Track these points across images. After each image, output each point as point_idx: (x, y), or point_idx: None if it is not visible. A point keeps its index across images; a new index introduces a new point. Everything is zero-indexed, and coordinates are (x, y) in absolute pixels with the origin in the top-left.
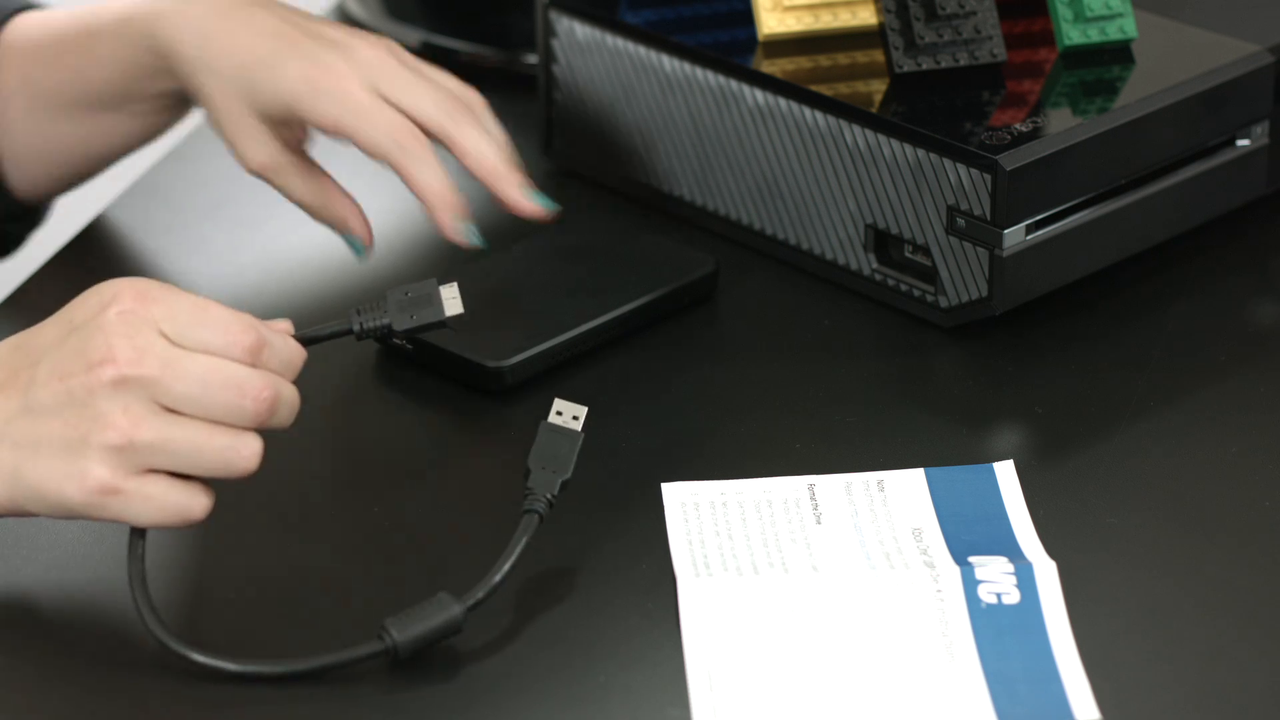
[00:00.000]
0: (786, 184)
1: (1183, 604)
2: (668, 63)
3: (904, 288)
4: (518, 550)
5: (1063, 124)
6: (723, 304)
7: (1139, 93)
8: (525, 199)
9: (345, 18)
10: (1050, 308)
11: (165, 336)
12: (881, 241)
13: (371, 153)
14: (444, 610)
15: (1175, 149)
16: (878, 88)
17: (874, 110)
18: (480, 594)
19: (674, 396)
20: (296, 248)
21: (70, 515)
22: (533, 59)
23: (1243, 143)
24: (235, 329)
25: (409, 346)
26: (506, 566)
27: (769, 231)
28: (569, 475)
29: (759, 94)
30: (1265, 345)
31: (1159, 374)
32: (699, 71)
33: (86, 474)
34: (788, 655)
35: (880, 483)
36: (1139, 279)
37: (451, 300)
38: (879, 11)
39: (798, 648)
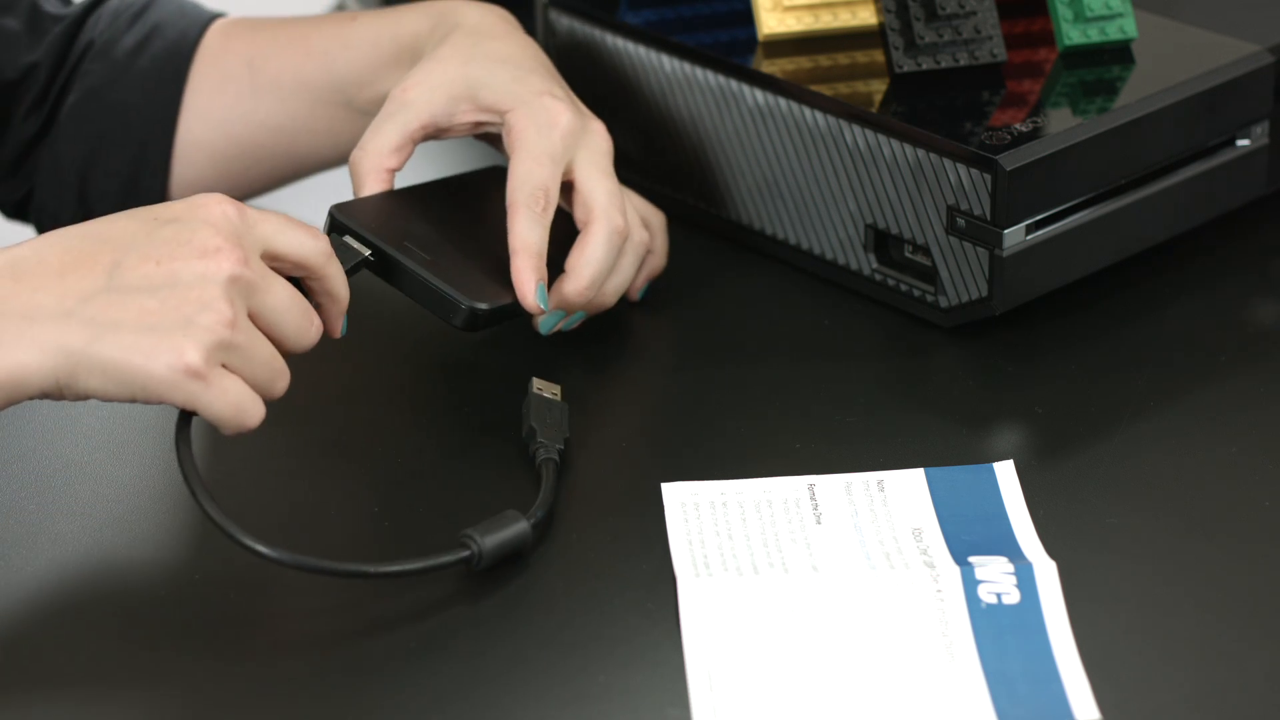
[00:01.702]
0: (786, 184)
1: (1183, 604)
2: (668, 63)
3: (904, 288)
4: (552, 481)
5: (1063, 124)
6: (723, 304)
7: (1139, 93)
8: (538, 311)
9: None
10: (1050, 308)
11: (259, 245)
12: (881, 241)
13: (510, 183)
14: (514, 524)
15: (1175, 149)
16: (878, 88)
17: (874, 110)
18: (539, 514)
19: (674, 396)
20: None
21: (134, 393)
22: None
23: (1243, 143)
24: (316, 233)
25: (370, 255)
26: (549, 492)
27: (769, 231)
28: (569, 434)
29: (759, 94)
30: (1265, 345)
31: (1159, 374)
32: (699, 71)
33: (181, 352)
34: (788, 655)
35: (880, 483)
36: (1139, 279)
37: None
38: (879, 11)
39: (798, 648)
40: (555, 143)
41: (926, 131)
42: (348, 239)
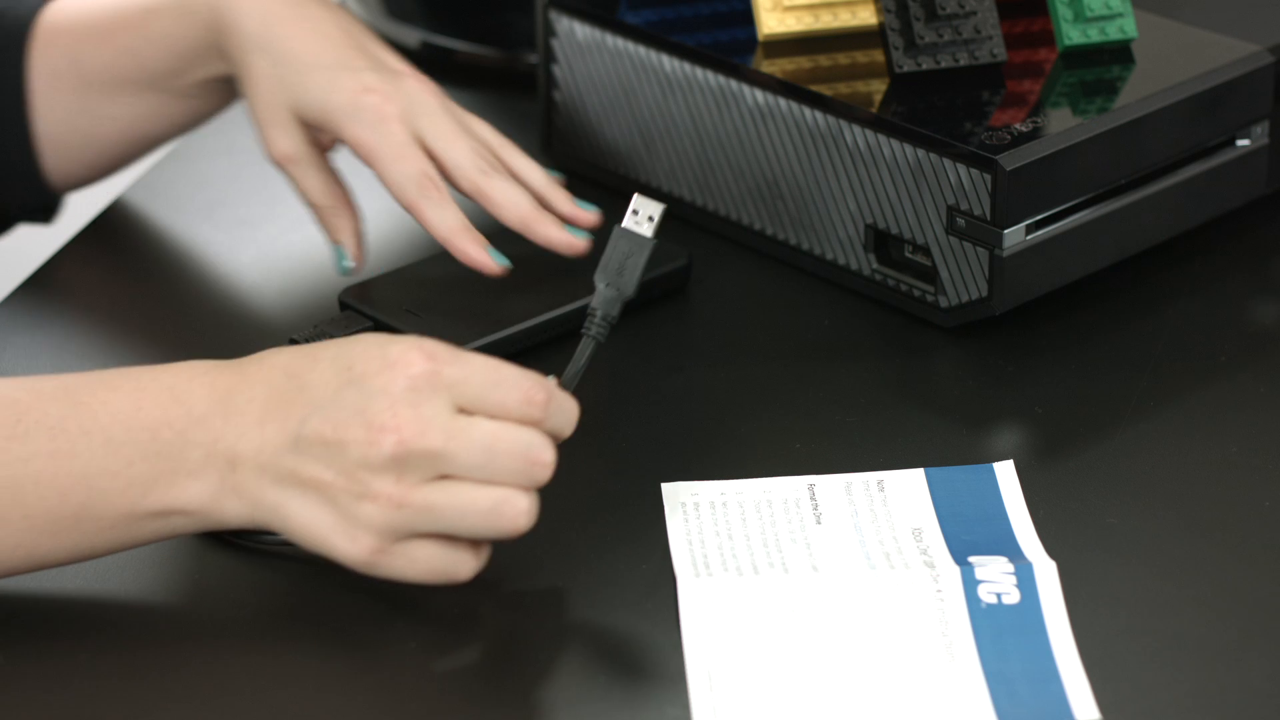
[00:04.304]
0: (786, 184)
1: (1183, 604)
2: (668, 63)
3: (904, 288)
4: (583, 362)
5: (1063, 124)
6: (722, 304)
7: (1139, 93)
8: (561, 236)
9: None
10: (1050, 308)
11: (456, 402)
12: (881, 241)
13: (391, 189)
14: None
15: (1175, 149)
16: (878, 88)
17: (874, 110)
18: (569, 387)
19: (674, 396)
20: (296, 247)
21: (329, 558)
22: (533, 59)
23: (1243, 143)
24: (529, 387)
25: (370, 325)
26: (578, 374)
27: (769, 231)
28: (632, 293)
29: (759, 94)
30: (1265, 345)
31: (1159, 374)
32: (699, 71)
33: (355, 537)
34: (788, 655)
35: (880, 483)
36: (1139, 279)
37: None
38: (879, 11)
39: (798, 648)
40: (398, 133)
41: (926, 131)
42: (350, 314)
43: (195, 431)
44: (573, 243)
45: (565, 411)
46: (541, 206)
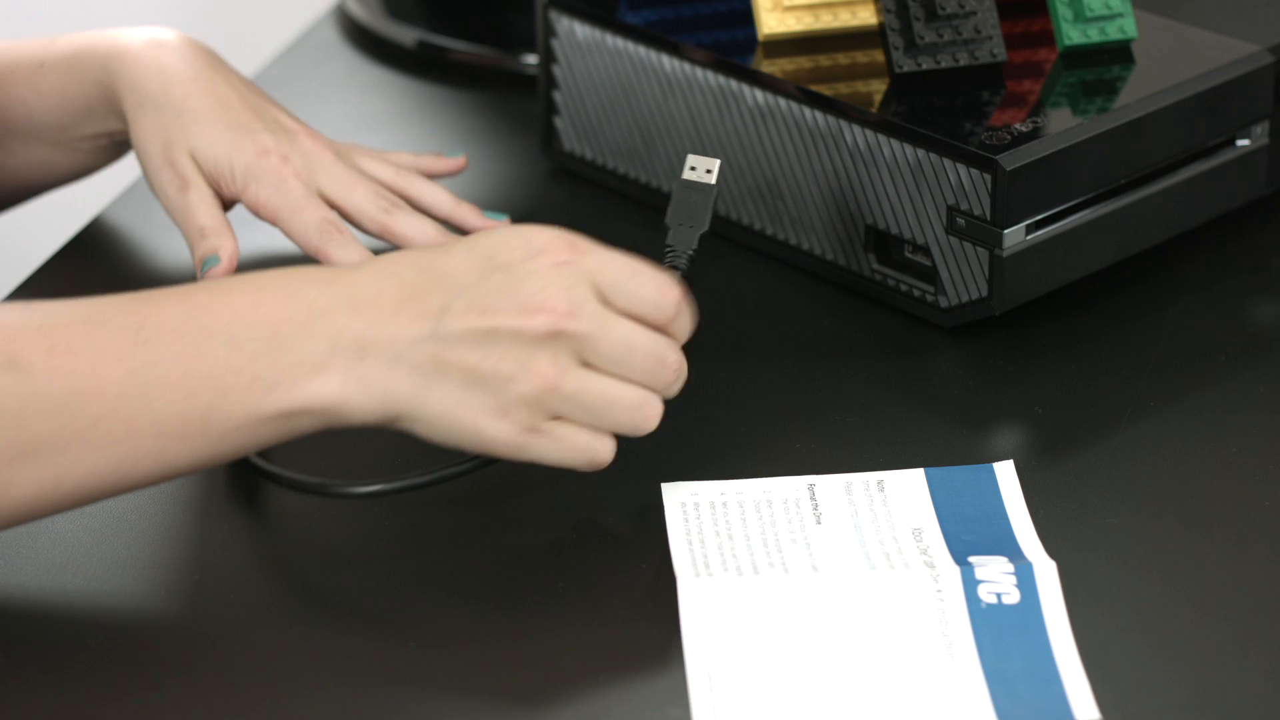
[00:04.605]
0: (786, 184)
1: (1183, 604)
2: (668, 63)
3: (904, 288)
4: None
5: (1063, 124)
6: (722, 304)
7: (1139, 93)
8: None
9: (345, 18)
10: (1050, 308)
11: (597, 292)
12: (881, 241)
13: (297, 240)
14: None
15: (1175, 149)
16: (878, 88)
17: (874, 110)
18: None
19: (674, 396)
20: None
21: (460, 445)
22: (532, 59)
23: (1243, 143)
24: (664, 281)
25: None
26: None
27: (769, 231)
28: (706, 228)
29: (759, 94)
30: (1265, 345)
31: (1159, 374)
32: (699, 71)
33: (505, 413)
34: (788, 655)
35: (880, 483)
36: (1139, 279)
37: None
38: (879, 11)
39: (798, 648)
40: (297, 188)
41: (926, 131)
42: None
43: (318, 324)
44: None
45: (687, 317)
46: (452, 228)
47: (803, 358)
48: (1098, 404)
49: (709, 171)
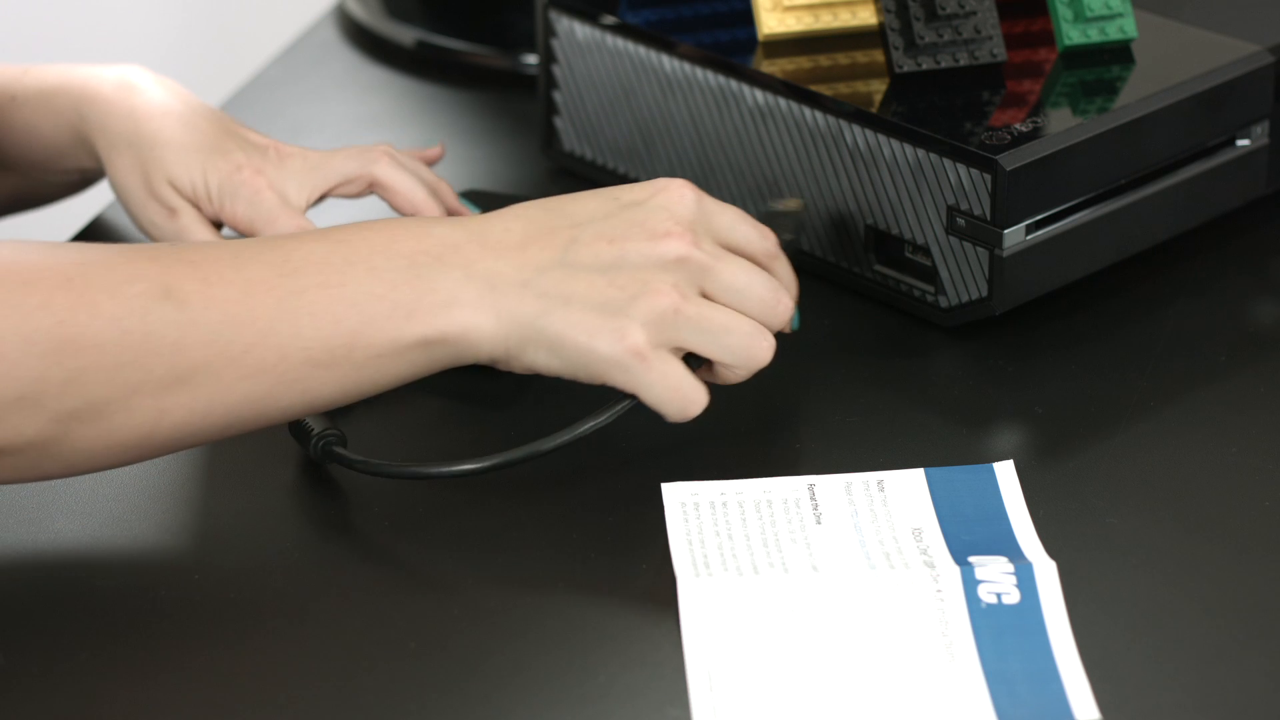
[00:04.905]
0: (786, 184)
1: (1183, 604)
2: (668, 63)
3: (904, 288)
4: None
5: (1063, 124)
6: None
7: (1139, 93)
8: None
9: (345, 18)
10: (1050, 308)
11: (713, 231)
12: (881, 241)
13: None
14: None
15: (1175, 149)
16: (878, 88)
17: (874, 110)
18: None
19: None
20: None
21: (575, 370)
22: (532, 59)
23: (1243, 143)
24: (765, 231)
25: None
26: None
27: None
28: (793, 236)
29: (759, 94)
30: (1265, 345)
31: (1159, 374)
32: (699, 71)
33: (625, 332)
34: (788, 655)
35: (880, 483)
36: (1139, 279)
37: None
38: (879, 11)
39: (798, 648)
40: (271, 200)
41: (926, 131)
42: None
43: (451, 256)
44: None
45: (788, 269)
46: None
47: (802, 358)
48: (1098, 404)
49: (790, 207)
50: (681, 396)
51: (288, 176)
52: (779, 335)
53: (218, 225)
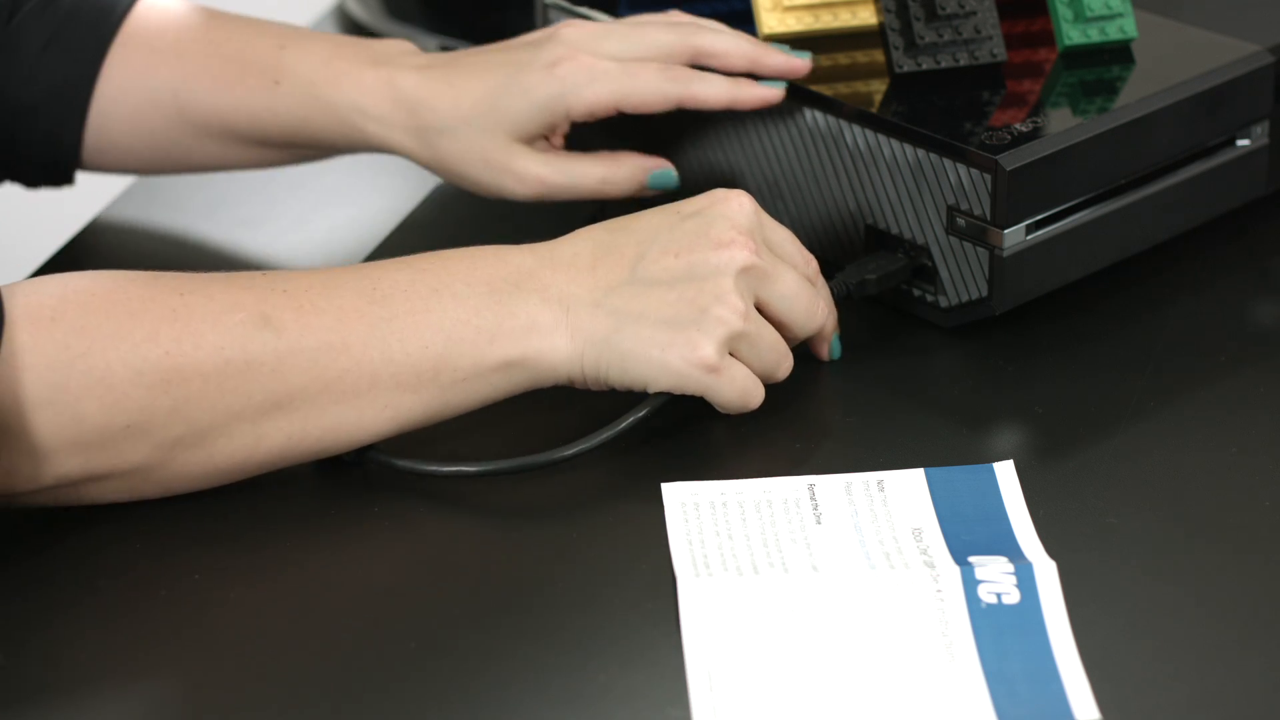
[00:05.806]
0: (786, 184)
1: (1183, 604)
2: None
3: (904, 288)
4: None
5: (1063, 124)
6: None
7: (1139, 93)
8: (791, 63)
9: (345, 18)
10: (1050, 308)
11: (766, 240)
12: (881, 241)
13: (649, 106)
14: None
15: (1175, 149)
16: (878, 88)
17: (874, 110)
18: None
19: (674, 396)
20: (296, 247)
21: (648, 383)
22: None
23: (1243, 143)
24: (809, 257)
25: None
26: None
27: None
28: (872, 276)
29: None
30: (1265, 345)
31: (1159, 374)
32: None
33: (696, 346)
34: (788, 655)
35: (880, 483)
36: (1139, 279)
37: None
38: (879, 11)
39: (798, 648)
40: (609, 69)
41: (926, 131)
42: None
43: (528, 281)
44: (802, 66)
45: (829, 294)
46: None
47: (802, 358)
48: (1098, 404)
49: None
50: (746, 394)
51: (602, 43)
52: (815, 358)
53: (570, 142)
